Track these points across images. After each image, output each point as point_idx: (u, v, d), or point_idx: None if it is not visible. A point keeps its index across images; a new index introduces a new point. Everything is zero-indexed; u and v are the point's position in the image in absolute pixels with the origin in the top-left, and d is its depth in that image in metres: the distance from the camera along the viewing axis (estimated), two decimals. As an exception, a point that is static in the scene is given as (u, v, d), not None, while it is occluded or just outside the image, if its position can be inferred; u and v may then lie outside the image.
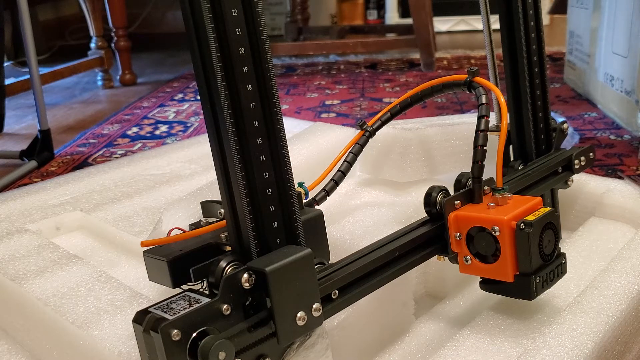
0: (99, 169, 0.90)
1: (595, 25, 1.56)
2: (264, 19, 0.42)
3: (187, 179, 0.86)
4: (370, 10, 3.19)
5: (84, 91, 2.28)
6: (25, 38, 1.41)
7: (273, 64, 0.43)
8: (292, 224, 0.45)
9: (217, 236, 0.48)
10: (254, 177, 0.42)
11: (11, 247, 0.65)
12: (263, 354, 0.42)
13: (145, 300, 0.53)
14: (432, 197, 0.54)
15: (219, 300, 0.40)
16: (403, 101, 0.65)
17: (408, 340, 0.58)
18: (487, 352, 0.50)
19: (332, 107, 1.82)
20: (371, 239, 0.52)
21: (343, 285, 0.46)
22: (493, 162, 0.55)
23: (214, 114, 0.41)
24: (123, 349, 0.47)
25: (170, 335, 0.38)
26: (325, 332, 0.46)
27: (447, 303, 0.62)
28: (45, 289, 0.56)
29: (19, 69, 2.23)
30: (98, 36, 2.24)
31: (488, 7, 0.68)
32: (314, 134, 0.82)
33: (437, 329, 0.59)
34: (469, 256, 0.53)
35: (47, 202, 0.79)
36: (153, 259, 0.47)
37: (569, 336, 0.49)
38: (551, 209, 0.53)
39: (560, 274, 0.54)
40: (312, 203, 0.57)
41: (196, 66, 0.41)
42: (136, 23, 3.17)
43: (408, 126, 0.79)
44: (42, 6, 2.99)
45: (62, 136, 1.70)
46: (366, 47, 2.39)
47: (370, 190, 0.77)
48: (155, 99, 2.06)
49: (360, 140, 0.64)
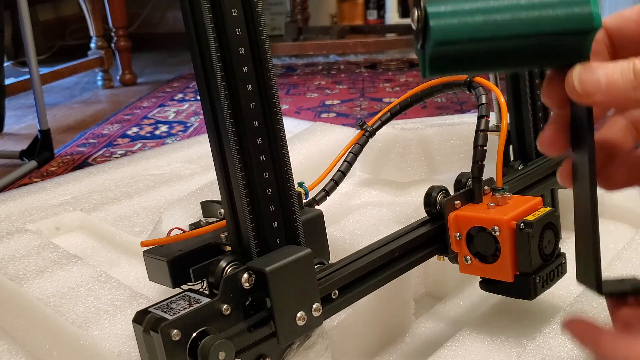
0: (99, 169, 0.90)
1: (595, 25, 1.56)
2: (264, 19, 0.42)
3: (187, 179, 0.86)
4: (370, 10, 3.19)
5: (84, 91, 2.28)
6: (25, 38, 1.41)
7: (273, 64, 0.43)
8: (292, 224, 0.45)
9: (217, 236, 0.48)
10: (254, 177, 0.42)
11: (11, 247, 0.65)
12: (263, 354, 0.42)
13: (145, 300, 0.53)
14: (432, 197, 0.54)
15: (219, 300, 0.40)
16: (403, 101, 0.65)
17: (408, 340, 0.58)
18: (487, 352, 0.50)
19: (332, 107, 1.82)
20: (371, 239, 0.52)
21: (343, 285, 0.46)
22: (493, 162, 0.55)
23: (214, 114, 0.41)
24: (123, 349, 0.47)
25: (170, 335, 0.38)
26: (325, 332, 0.46)
27: (447, 303, 0.62)
28: (45, 289, 0.56)
29: (19, 69, 2.23)
30: (98, 36, 2.24)
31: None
32: (314, 134, 0.82)
33: (437, 329, 0.59)
34: (469, 256, 0.53)
35: (47, 202, 0.79)
36: (153, 259, 0.47)
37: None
38: (551, 209, 0.53)
39: (560, 274, 0.54)
40: (312, 203, 0.57)
41: (196, 66, 0.41)
42: (136, 23, 3.17)
43: (408, 126, 0.79)
44: (42, 6, 2.99)
45: (62, 136, 1.70)
46: (366, 47, 2.39)
47: (370, 190, 0.77)
48: (155, 99, 2.06)
49: (360, 140, 0.64)
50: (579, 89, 0.33)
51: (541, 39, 0.32)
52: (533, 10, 0.32)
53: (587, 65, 0.33)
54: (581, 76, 0.33)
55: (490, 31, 0.31)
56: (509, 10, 0.32)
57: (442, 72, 0.33)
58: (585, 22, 0.32)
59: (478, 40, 0.32)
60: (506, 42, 0.32)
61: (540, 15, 0.32)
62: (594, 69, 0.32)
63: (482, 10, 0.32)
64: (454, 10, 0.32)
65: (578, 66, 0.33)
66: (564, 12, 0.32)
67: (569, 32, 0.32)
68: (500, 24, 0.32)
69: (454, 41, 0.31)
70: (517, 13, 0.32)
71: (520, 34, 0.32)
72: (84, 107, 2.04)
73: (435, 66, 0.32)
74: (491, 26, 0.31)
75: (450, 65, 0.33)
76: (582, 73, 0.33)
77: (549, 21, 0.32)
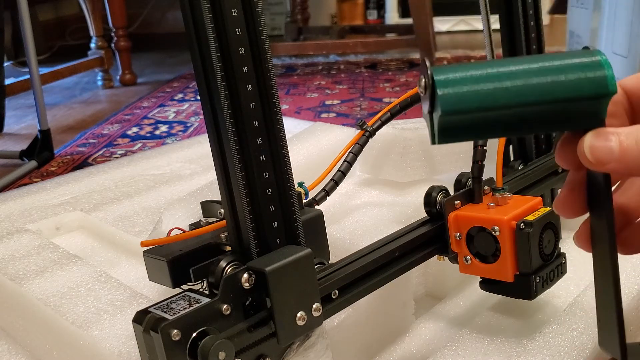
0: (99, 169, 0.90)
1: (595, 25, 1.56)
2: (264, 19, 0.42)
3: (187, 179, 0.86)
4: (370, 10, 3.19)
5: (84, 91, 2.28)
6: (25, 38, 1.41)
7: (273, 64, 0.43)
8: (292, 224, 0.45)
9: (217, 236, 0.48)
10: (254, 177, 0.42)
11: (11, 247, 0.65)
12: (263, 354, 0.42)
13: (145, 300, 0.53)
14: (432, 197, 0.54)
15: (219, 300, 0.40)
16: (403, 101, 0.65)
17: (408, 340, 0.58)
18: (487, 352, 0.50)
19: (332, 107, 1.82)
20: (371, 239, 0.52)
21: (343, 285, 0.46)
22: (493, 162, 0.55)
23: (214, 114, 0.41)
24: (123, 349, 0.47)
25: (170, 335, 0.38)
26: (325, 332, 0.46)
27: (447, 303, 0.62)
28: (45, 289, 0.56)
29: (19, 69, 2.23)
30: (98, 36, 2.24)
31: (488, 7, 0.68)
32: (314, 134, 0.82)
33: (437, 329, 0.59)
34: (469, 256, 0.53)
35: (47, 202, 0.79)
36: (153, 259, 0.47)
37: (569, 336, 0.49)
38: (551, 209, 0.53)
39: (560, 274, 0.54)
40: (312, 203, 0.57)
41: (196, 66, 0.41)
42: (136, 23, 3.17)
43: (408, 126, 0.79)
44: (42, 6, 2.99)
45: (62, 136, 1.70)
46: (366, 47, 2.39)
47: (370, 190, 0.77)
48: (155, 99, 2.06)
49: (360, 140, 0.64)
50: (590, 158, 0.31)
51: (554, 105, 0.30)
52: (545, 75, 0.30)
53: (600, 132, 0.31)
54: (593, 144, 0.31)
55: (500, 99, 0.30)
56: (520, 76, 0.30)
57: (453, 140, 0.31)
58: (600, 87, 0.30)
59: (488, 109, 0.30)
60: (517, 109, 0.30)
61: (553, 80, 0.30)
62: (607, 136, 0.31)
63: (491, 76, 0.30)
64: (463, 77, 0.30)
65: (590, 134, 0.31)
66: (577, 77, 0.30)
67: (582, 98, 0.30)
68: (511, 92, 0.30)
69: (463, 111, 0.30)
70: (528, 79, 0.30)
71: (532, 101, 0.30)
72: (84, 107, 2.04)
73: (445, 135, 0.31)
74: (501, 94, 0.30)
75: (461, 133, 0.31)
76: (594, 140, 0.31)
77: (561, 87, 0.30)
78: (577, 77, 0.30)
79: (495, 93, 0.30)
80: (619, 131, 0.31)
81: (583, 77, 0.30)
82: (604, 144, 0.31)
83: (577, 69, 0.30)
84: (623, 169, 0.31)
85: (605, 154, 0.31)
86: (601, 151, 0.31)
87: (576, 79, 0.30)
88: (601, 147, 0.31)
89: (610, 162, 0.30)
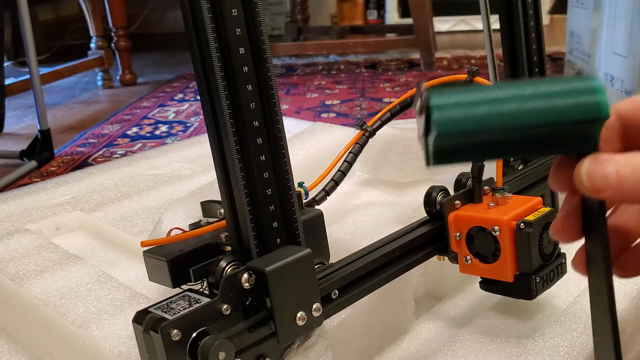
0: (99, 169, 0.90)
1: (595, 25, 1.56)
2: (264, 19, 0.42)
3: (187, 179, 0.86)
4: (370, 10, 3.19)
5: (84, 91, 2.28)
6: (25, 38, 1.41)
7: (273, 64, 0.43)
8: (292, 224, 0.45)
9: (217, 236, 0.48)
10: (254, 177, 0.42)
11: (11, 247, 0.65)
12: (263, 354, 0.42)
13: (145, 300, 0.53)
14: (432, 197, 0.54)
15: (219, 300, 0.40)
16: (403, 101, 0.65)
17: (408, 340, 0.58)
18: (487, 352, 0.50)
19: (332, 107, 1.82)
20: (371, 239, 0.52)
21: (343, 285, 0.46)
22: (493, 162, 0.55)
23: (214, 114, 0.41)
24: (123, 349, 0.47)
25: (170, 335, 0.38)
26: (325, 332, 0.46)
27: (447, 303, 0.62)
28: (45, 289, 0.56)
29: (19, 69, 2.23)
30: (98, 36, 2.24)
31: (488, 7, 0.68)
32: (314, 134, 0.82)
33: (437, 329, 0.59)
34: (469, 256, 0.53)
35: (47, 202, 0.79)
36: (153, 259, 0.47)
37: (569, 336, 0.49)
38: (551, 209, 0.53)
39: (560, 274, 0.54)
40: (312, 203, 0.57)
41: (196, 66, 0.41)
42: (136, 23, 3.17)
43: (408, 126, 0.79)
44: (42, 6, 2.99)
45: (62, 136, 1.70)
46: (366, 47, 2.39)
47: (370, 190, 0.77)
48: (155, 99, 2.06)
49: (360, 140, 0.64)
50: (587, 185, 0.31)
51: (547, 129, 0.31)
52: (538, 100, 0.30)
53: (596, 158, 0.31)
54: (590, 171, 0.30)
55: (495, 123, 0.30)
56: (514, 100, 0.30)
57: (447, 162, 0.32)
58: (593, 111, 0.30)
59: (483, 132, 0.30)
60: (512, 132, 0.31)
61: (546, 105, 0.30)
62: (603, 163, 0.30)
63: (486, 101, 0.30)
64: (458, 101, 0.30)
65: (588, 160, 0.31)
66: (571, 101, 0.30)
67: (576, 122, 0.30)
68: (506, 115, 0.30)
69: (458, 134, 0.30)
70: (523, 103, 0.30)
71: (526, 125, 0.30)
72: (84, 107, 2.04)
73: (440, 157, 0.31)
74: (496, 117, 0.30)
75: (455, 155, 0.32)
76: (590, 168, 0.30)
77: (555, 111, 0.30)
78: (570, 101, 0.30)
79: (489, 117, 0.30)
80: (615, 159, 0.30)
81: (576, 101, 0.30)
82: (601, 171, 0.30)
83: (571, 94, 0.31)
84: (619, 197, 0.30)
85: (601, 181, 0.30)
86: (598, 178, 0.30)
87: (570, 104, 0.30)
88: (598, 174, 0.30)
89: (607, 190, 0.30)
